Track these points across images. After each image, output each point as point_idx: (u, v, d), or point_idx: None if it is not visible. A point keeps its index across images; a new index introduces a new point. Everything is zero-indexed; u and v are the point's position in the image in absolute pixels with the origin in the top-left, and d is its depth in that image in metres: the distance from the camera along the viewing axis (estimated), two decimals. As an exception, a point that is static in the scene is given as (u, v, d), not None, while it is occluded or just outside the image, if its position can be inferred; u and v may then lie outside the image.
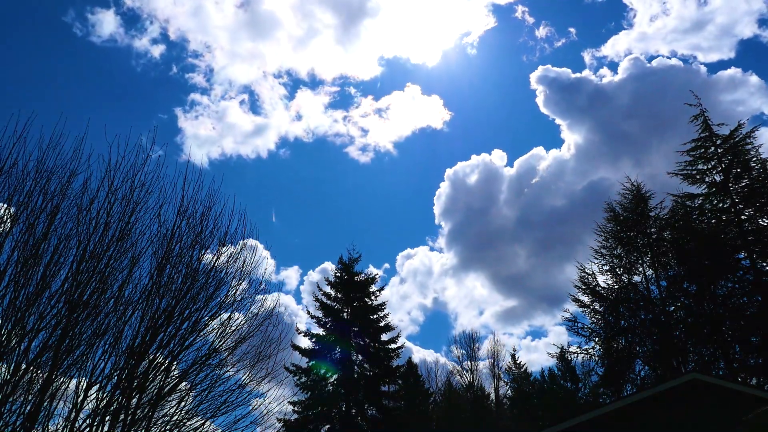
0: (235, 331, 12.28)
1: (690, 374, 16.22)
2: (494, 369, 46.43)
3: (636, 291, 31.24)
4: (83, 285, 10.09)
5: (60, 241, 10.06)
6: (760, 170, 28.96)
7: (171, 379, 11.35)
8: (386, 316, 35.25)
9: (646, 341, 30.40)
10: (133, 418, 10.54)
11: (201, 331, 11.78)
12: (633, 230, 32.18)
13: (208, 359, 11.87)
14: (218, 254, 12.17)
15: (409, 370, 41.63)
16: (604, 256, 32.43)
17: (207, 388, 11.77)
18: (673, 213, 31.38)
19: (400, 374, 36.04)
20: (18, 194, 9.85)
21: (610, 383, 30.93)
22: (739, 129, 29.77)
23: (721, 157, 29.72)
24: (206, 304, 11.82)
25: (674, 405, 14.91)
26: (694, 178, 30.45)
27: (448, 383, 46.72)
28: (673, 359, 28.61)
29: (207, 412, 11.67)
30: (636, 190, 32.79)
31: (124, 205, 10.80)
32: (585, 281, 32.23)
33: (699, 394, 14.95)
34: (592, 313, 31.72)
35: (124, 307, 10.75)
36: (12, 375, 9.38)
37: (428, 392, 44.24)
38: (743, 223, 28.40)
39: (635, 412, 15.12)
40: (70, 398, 10.15)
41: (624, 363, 29.94)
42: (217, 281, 12.04)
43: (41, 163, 10.16)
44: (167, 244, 11.36)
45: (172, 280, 11.29)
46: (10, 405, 9.39)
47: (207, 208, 12.00)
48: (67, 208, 10.29)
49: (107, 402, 10.23)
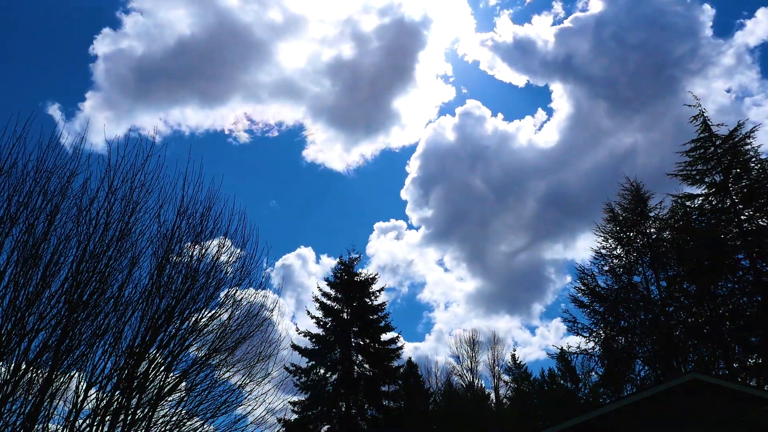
0: (235, 332, 12.30)
1: (690, 374, 16.22)
2: (494, 369, 46.44)
3: (636, 291, 31.24)
4: (83, 285, 10.09)
5: (60, 241, 10.07)
6: (760, 170, 28.98)
7: (171, 379, 11.36)
8: (386, 316, 35.34)
9: (646, 341, 30.41)
10: (133, 418, 10.54)
11: (201, 331, 11.79)
12: (632, 230, 32.20)
13: (208, 359, 11.88)
14: (218, 254, 12.20)
15: (409, 370, 41.67)
16: (603, 257, 32.48)
17: (207, 389, 11.79)
18: (673, 213, 31.40)
19: (400, 374, 36.06)
20: (18, 194, 9.86)
21: (610, 383, 30.95)
22: (738, 129, 29.81)
23: (721, 157, 29.72)
24: (206, 304, 11.85)
25: (674, 405, 14.90)
26: (693, 179, 30.45)
27: (448, 383, 46.70)
28: (673, 359, 28.62)
29: (207, 412, 11.69)
30: (635, 190, 32.83)
31: (124, 206, 10.80)
32: (584, 281, 32.28)
33: (699, 394, 14.94)
34: (592, 314, 31.75)
35: (124, 307, 10.75)
36: (12, 375, 9.38)
37: (428, 392, 44.22)
38: (743, 223, 28.40)
39: (635, 412, 15.12)
40: (70, 398, 10.16)
41: (624, 363, 29.94)
42: (217, 281, 12.07)
43: (41, 163, 10.17)
44: (167, 244, 11.37)
45: (172, 280, 11.30)
46: (10, 405, 9.39)
47: (207, 208, 12.01)
48: (67, 209, 10.30)
49: (107, 402, 10.23)
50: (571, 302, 32.26)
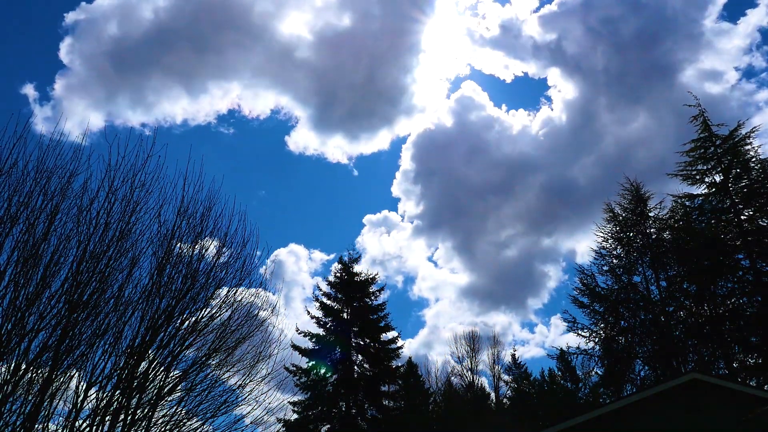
0: (235, 332, 12.29)
1: (690, 374, 16.20)
2: (494, 369, 46.42)
3: (636, 291, 31.26)
4: (83, 285, 10.09)
5: (60, 241, 10.07)
6: (760, 170, 28.98)
7: (171, 379, 11.36)
8: (386, 316, 35.37)
9: (646, 341, 30.42)
10: (133, 418, 10.54)
11: (201, 331, 11.79)
12: (632, 230, 32.22)
13: (208, 359, 11.88)
14: (218, 254, 12.20)
15: (409, 370, 41.64)
16: (603, 257, 32.51)
17: (207, 389, 11.79)
18: (673, 213, 31.43)
19: (400, 374, 36.07)
20: (18, 194, 9.86)
21: (610, 383, 30.95)
22: (738, 129, 29.82)
23: (721, 157, 29.73)
24: (206, 304, 11.85)
25: (674, 405, 14.90)
26: (693, 179, 30.47)
27: (448, 383, 46.67)
28: (673, 359, 28.63)
29: (207, 412, 11.68)
30: (635, 190, 32.87)
31: (124, 205, 10.80)
32: (584, 282, 32.29)
33: (699, 394, 14.94)
34: (592, 314, 31.77)
35: (124, 307, 10.75)
36: (12, 375, 9.38)
37: (428, 392, 44.22)
38: (743, 223, 28.40)
39: (635, 412, 15.12)
40: (70, 398, 10.16)
41: (624, 363, 29.96)
42: (217, 281, 12.07)
43: (41, 163, 10.17)
44: (167, 244, 11.37)
45: (172, 280, 11.30)
46: (10, 405, 9.39)
47: (207, 208, 12.02)
48: (67, 209, 10.30)
49: (107, 402, 10.23)
50: (571, 302, 32.34)
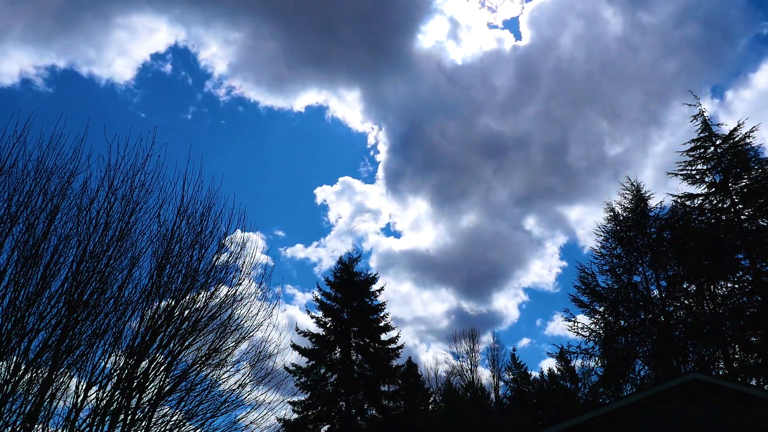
0: (235, 332, 12.30)
1: (690, 374, 16.20)
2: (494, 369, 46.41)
3: (636, 291, 31.26)
4: (83, 285, 10.09)
5: (60, 241, 10.06)
6: (760, 170, 28.97)
7: (171, 379, 11.36)
8: (386, 316, 35.42)
9: (646, 341, 30.42)
10: (133, 418, 10.54)
11: (201, 331, 11.78)
12: (633, 230, 32.24)
13: (208, 359, 11.88)
14: (218, 254, 12.20)
15: (409, 370, 41.65)
16: (603, 256, 32.52)
17: (207, 388, 11.79)
18: (673, 213, 31.43)
19: (400, 374, 36.05)
20: (18, 194, 9.85)
21: (610, 383, 30.95)
22: (738, 129, 29.83)
23: (721, 157, 29.73)
24: (206, 304, 11.84)
25: (674, 405, 14.89)
26: (693, 178, 30.47)
27: (448, 383, 46.68)
28: (673, 359, 28.62)
29: (207, 412, 11.67)
30: (636, 190, 32.92)
31: (124, 205, 10.80)
32: (584, 281, 32.29)
33: (699, 394, 14.94)
34: (592, 313, 31.78)
35: (124, 307, 10.75)
36: (12, 375, 9.38)
37: (428, 392, 44.24)
38: (743, 223, 28.40)
39: (635, 412, 15.11)
40: (70, 398, 10.15)
41: (624, 363, 29.96)
42: (217, 281, 12.07)
43: (41, 163, 10.17)
44: (167, 244, 11.37)
45: (172, 280, 11.29)
46: (10, 405, 9.39)
47: (207, 208, 12.02)
48: (67, 208, 10.30)
49: (107, 402, 10.22)
50: (571, 301, 32.34)
